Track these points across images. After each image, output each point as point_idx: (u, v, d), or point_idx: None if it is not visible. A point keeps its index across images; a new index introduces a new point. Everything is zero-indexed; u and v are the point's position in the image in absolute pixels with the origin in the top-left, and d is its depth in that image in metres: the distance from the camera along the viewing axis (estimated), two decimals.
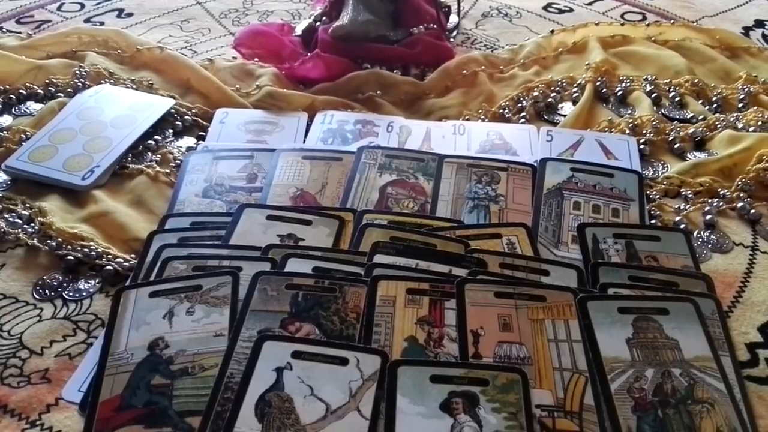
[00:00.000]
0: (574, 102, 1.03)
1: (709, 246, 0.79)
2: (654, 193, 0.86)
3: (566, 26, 1.21)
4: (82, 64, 1.05)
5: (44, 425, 0.60)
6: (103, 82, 1.03)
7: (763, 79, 1.06)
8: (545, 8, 1.31)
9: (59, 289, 0.73)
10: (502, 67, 1.11)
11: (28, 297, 0.72)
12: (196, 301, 0.65)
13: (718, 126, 0.97)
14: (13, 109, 0.99)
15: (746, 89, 1.03)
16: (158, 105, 0.97)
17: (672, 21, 1.25)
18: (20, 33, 1.17)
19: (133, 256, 0.75)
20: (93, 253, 0.75)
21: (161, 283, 0.67)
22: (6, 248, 0.78)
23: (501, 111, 1.01)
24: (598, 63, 1.07)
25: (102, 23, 1.24)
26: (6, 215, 0.81)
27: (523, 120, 0.99)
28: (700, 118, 0.99)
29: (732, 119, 0.98)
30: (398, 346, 0.62)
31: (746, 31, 1.24)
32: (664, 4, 1.32)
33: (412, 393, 0.58)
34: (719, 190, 0.86)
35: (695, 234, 0.80)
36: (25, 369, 0.65)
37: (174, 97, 1.01)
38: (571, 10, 1.31)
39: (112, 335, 0.63)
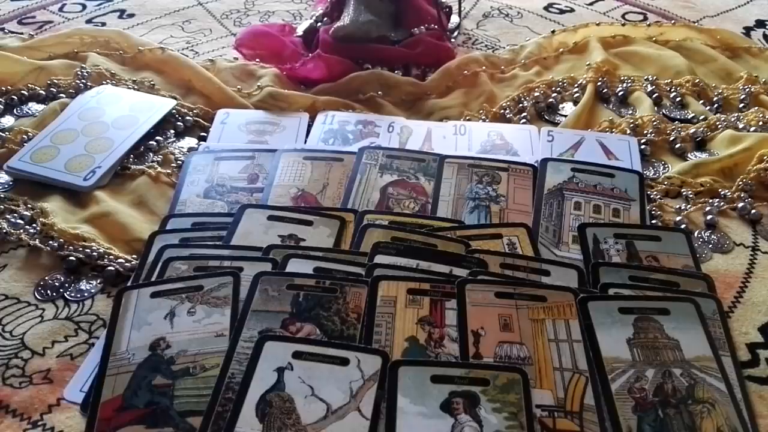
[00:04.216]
0: (575, 102, 1.03)
1: (710, 246, 0.79)
2: (655, 193, 0.86)
3: (567, 26, 1.21)
4: (83, 65, 1.05)
5: (46, 425, 0.60)
6: (104, 82, 1.03)
7: (763, 80, 1.06)
8: (546, 8, 1.31)
9: (61, 290, 0.73)
10: (503, 67, 1.11)
11: (30, 297, 0.72)
12: (197, 301, 0.66)
13: (719, 126, 0.97)
14: (14, 110, 0.99)
15: (747, 89, 1.03)
16: (159, 106, 0.98)
17: (673, 21, 1.25)
18: (22, 34, 1.18)
19: (134, 256, 0.75)
20: (95, 253, 0.75)
21: (162, 284, 0.68)
22: (8, 249, 0.78)
23: (502, 111, 1.01)
24: (599, 63, 1.07)
25: (104, 24, 1.24)
26: (8, 216, 0.81)
27: (524, 120, 0.99)
28: (701, 118, 0.99)
29: (733, 119, 0.98)
30: (399, 346, 0.62)
31: (747, 31, 1.24)
32: (664, 4, 1.32)
33: (413, 393, 0.58)
34: (720, 190, 0.86)
35: (696, 234, 0.80)
36: (27, 369, 0.65)
37: (175, 98, 1.01)
38: (572, 10, 1.31)
39: (114, 335, 0.63)
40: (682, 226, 0.81)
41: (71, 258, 0.75)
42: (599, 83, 1.05)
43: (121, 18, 1.27)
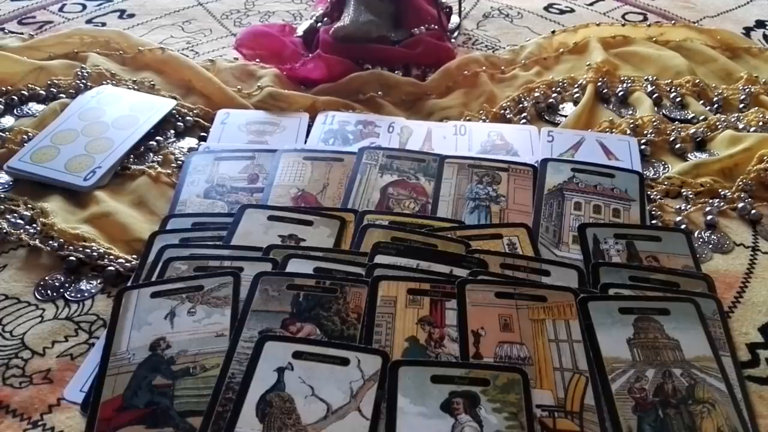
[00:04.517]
0: (575, 102, 1.03)
1: (710, 246, 0.79)
2: (655, 193, 0.86)
3: (567, 27, 1.21)
4: (83, 65, 1.05)
5: (46, 425, 0.60)
6: (104, 83, 1.03)
7: (763, 80, 1.06)
8: (546, 9, 1.31)
9: (61, 290, 0.73)
10: (503, 67, 1.11)
11: (30, 297, 0.72)
12: (197, 301, 0.66)
13: (719, 126, 0.97)
14: (15, 110, 0.99)
15: (747, 90, 1.03)
16: (160, 106, 0.98)
17: (673, 21, 1.25)
18: (22, 34, 1.18)
19: (134, 256, 0.75)
20: (95, 253, 0.75)
21: (163, 284, 0.68)
22: (8, 249, 0.78)
23: (502, 111, 1.01)
24: (599, 63, 1.07)
25: (104, 24, 1.24)
26: (8, 216, 0.81)
27: (524, 120, 0.99)
28: (701, 118, 0.99)
29: (733, 119, 0.98)
30: (399, 347, 0.62)
31: (747, 31, 1.24)
32: (665, 4, 1.32)
33: (413, 393, 0.58)
34: (720, 190, 0.86)
35: (696, 234, 0.80)
36: (27, 369, 0.65)
37: (175, 98, 1.01)
38: (572, 10, 1.31)
39: (114, 335, 0.63)
40: (682, 227, 0.81)
41: (71, 258, 0.75)
42: (599, 83, 1.05)
43: (121, 18, 1.27)
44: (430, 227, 0.76)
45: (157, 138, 0.94)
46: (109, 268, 0.74)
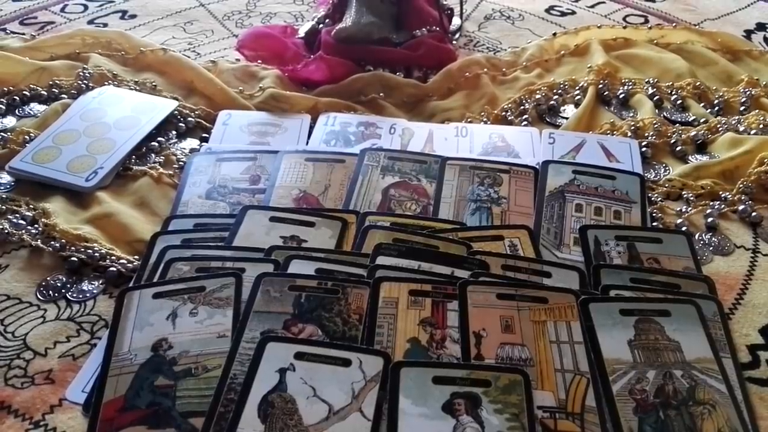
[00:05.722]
0: (577, 104, 1.03)
1: (711, 248, 0.79)
2: (656, 195, 0.86)
3: (568, 29, 1.21)
4: (85, 66, 1.05)
5: (48, 426, 0.60)
6: (106, 83, 1.03)
7: (764, 82, 1.06)
8: (548, 11, 1.32)
9: (63, 290, 0.73)
10: (504, 69, 1.11)
11: (32, 298, 0.72)
12: (199, 302, 0.66)
13: (720, 129, 0.97)
14: (16, 111, 1.00)
15: (748, 92, 1.03)
16: (161, 107, 0.98)
17: (674, 24, 1.25)
18: (24, 34, 1.18)
19: (136, 257, 0.75)
20: (97, 254, 0.76)
21: (165, 285, 0.68)
22: (10, 249, 0.78)
23: (503, 113, 1.01)
24: (600, 66, 1.08)
25: (105, 25, 1.24)
26: (10, 216, 0.81)
27: (525, 122, 0.99)
28: (701, 120, 0.99)
29: (733, 122, 0.98)
30: (401, 348, 0.62)
31: (748, 34, 1.24)
32: (666, 6, 1.32)
33: (415, 394, 0.58)
34: (721, 192, 0.87)
35: (697, 236, 0.80)
36: (29, 370, 0.65)
37: (177, 99, 1.01)
38: (574, 12, 1.31)
39: (116, 336, 0.63)
40: (683, 229, 0.81)
41: (73, 259, 0.75)
42: (600, 85, 1.05)
43: (123, 19, 1.27)
44: (431, 229, 0.77)
45: (159, 139, 0.94)
46: (111, 268, 0.74)
